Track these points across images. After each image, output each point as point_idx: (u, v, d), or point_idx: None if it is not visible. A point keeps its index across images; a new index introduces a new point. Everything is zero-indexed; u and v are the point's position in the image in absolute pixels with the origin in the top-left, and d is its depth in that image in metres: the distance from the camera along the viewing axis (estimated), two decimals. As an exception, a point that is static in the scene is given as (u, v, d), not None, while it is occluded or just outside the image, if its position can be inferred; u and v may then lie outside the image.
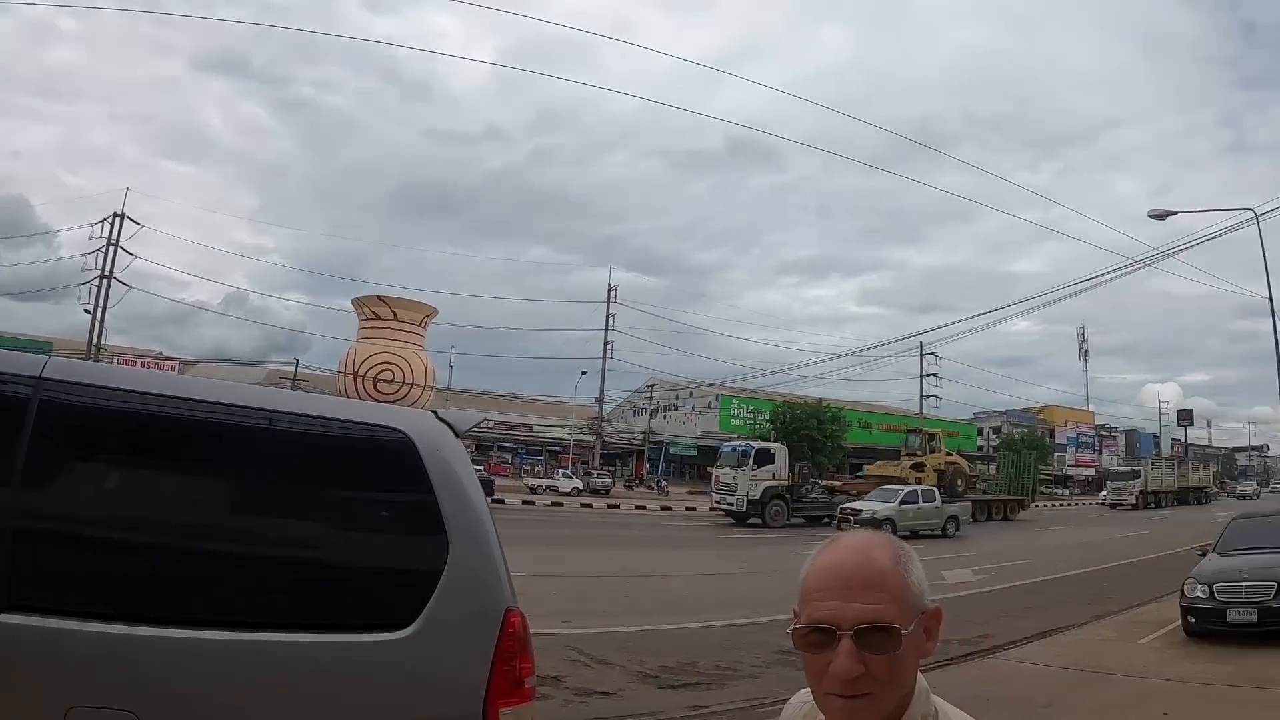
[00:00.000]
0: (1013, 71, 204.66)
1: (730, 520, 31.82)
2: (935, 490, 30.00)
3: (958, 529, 28.94)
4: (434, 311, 52.32)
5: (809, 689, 1.23)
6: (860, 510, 26.49)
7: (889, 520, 25.54)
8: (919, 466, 37.69)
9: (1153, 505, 53.51)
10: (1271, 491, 62.73)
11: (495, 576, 2.76)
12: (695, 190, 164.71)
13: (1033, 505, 45.11)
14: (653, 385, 68.58)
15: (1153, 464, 61.78)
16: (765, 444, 35.72)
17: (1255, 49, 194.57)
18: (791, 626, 1.19)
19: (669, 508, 41.16)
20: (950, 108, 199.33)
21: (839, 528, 23.98)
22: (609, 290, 59.39)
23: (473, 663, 2.64)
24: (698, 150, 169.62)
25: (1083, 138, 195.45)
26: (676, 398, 69.94)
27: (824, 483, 36.92)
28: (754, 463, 32.01)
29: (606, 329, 58.69)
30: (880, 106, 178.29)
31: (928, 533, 27.40)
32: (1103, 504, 57.45)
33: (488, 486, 28.23)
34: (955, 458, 40.87)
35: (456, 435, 2.92)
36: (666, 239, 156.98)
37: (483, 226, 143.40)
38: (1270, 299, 24.21)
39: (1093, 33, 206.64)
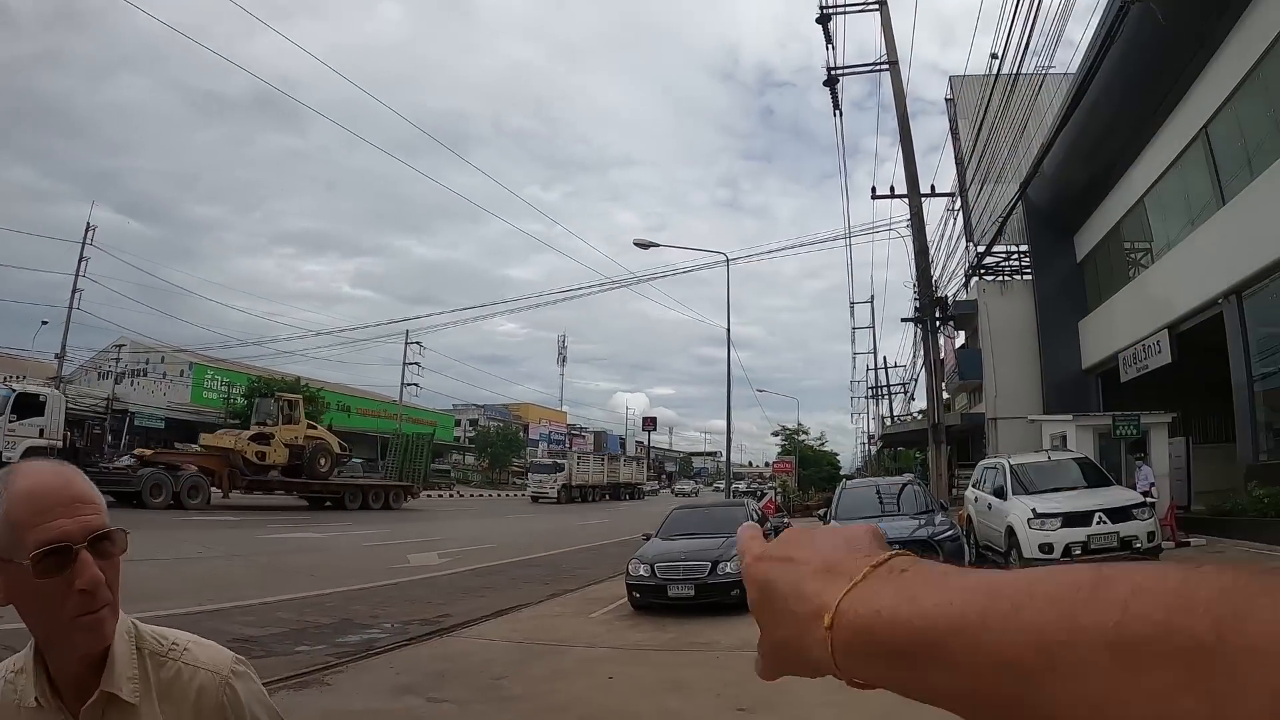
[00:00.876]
0: (550, 94, 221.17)
1: None
2: None
3: None
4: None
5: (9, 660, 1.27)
6: None
7: None
8: (263, 438, 30.22)
9: (579, 499, 52.97)
10: (713, 490, 72.97)
11: None
12: (205, 137, 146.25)
13: (427, 494, 41.66)
14: (121, 346, 58.78)
15: (579, 458, 59.93)
16: (34, 389, 26.89)
17: (766, 130, 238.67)
18: (27, 558, 1.12)
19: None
20: (483, 112, 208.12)
21: None
22: (86, 230, 49.44)
23: None
24: (218, 93, 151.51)
25: (597, 167, 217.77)
26: (148, 362, 60.74)
27: (138, 451, 28.48)
28: (11, 412, 24.20)
29: (77, 274, 48.77)
30: (415, 93, 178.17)
31: None
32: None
33: None
34: (321, 433, 34.07)
35: None
36: (164, 184, 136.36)
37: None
38: (728, 330, 30.47)
39: (631, 80, 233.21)
